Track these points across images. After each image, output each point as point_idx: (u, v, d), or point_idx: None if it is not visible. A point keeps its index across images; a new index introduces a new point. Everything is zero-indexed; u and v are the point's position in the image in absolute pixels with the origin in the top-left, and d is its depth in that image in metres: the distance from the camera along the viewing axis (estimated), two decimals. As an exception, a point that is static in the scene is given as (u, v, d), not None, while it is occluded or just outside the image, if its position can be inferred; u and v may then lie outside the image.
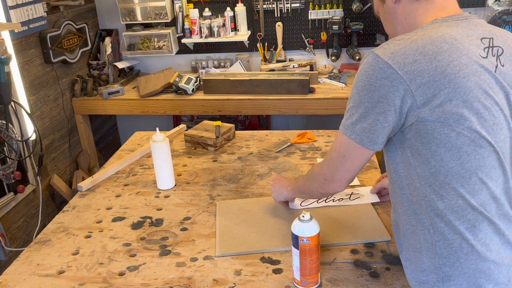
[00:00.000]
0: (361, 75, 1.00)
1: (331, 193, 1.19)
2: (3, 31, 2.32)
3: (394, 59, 0.95)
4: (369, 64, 0.98)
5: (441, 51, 0.95)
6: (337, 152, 1.08)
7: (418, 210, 1.02)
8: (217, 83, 2.95)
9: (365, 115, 0.99)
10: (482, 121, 0.96)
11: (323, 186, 1.17)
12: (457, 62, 0.95)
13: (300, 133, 2.06)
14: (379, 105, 0.97)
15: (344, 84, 2.98)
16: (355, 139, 1.01)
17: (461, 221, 0.98)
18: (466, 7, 3.05)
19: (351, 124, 1.02)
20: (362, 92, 0.99)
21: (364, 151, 1.03)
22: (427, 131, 0.96)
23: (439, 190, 0.98)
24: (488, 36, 1.02)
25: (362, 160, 1.06)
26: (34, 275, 1.27)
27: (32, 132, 2.49)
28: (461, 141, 0.96)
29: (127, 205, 1.60)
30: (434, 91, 0.94)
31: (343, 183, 1.13)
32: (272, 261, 1.26)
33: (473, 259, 0.99)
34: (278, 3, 3.22)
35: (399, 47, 0.97)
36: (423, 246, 1.03)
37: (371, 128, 0.99)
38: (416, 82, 0.94)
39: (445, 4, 1.06)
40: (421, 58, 0.94)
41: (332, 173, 1.12)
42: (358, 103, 1.00)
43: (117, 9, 3.28)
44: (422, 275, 1.04)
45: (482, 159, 0.97)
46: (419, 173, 1.00)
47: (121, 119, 3.82)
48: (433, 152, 0.97)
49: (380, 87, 0.96)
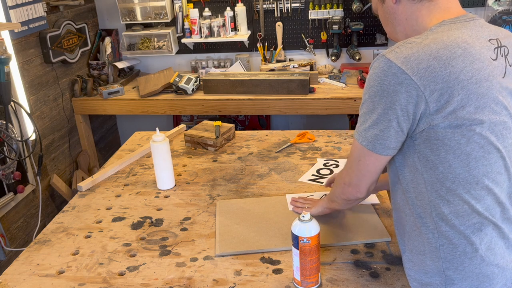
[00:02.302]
0: (373, 80, 0.98)
1: (352, 199, 1.18)
2: (3, 31, 2.32)
3: (408, 64, 0.93)
4: (381, 69, 0.96)
5: (454, 56, 0.94)
6: (353, 157, 1.08)
7: (423, 213, 1.02)
8: (217, 83, 2.95)
9: (377, 122, 0.98)
10: (493, 126, 0.96)
11: (344, 191, 1.17)
12: (470, 68, 0.94)
13: (300, 133, 2.05)
14: (392, 112, 0.96)
15: (344, 84, 2.98)
16: (367, 146, 1.01)
17: (466, 226, 0.98)
18: (466, 7, 3.05)
19: (363, 131, 1.02)
20: (375, 98, 0.97)
21: (378, 157, 1.02)
22: (437, 137, 0.95)
23: (445, 195, 0.98)
24: (494, 37, 1.02)
25: (377, 166, 1.05)
26: (34, 275, 1.26)
27: (32, 132, 2.49)
28: (470, 148, 0.95)
29: (127, 205, 1.59)
30: (447, 97, 0.93)
31: (361, 189, 1.12)
32: (272, 261, 1.26)
33: (477, 263, 0.98)
34: (278, 3, 3.22)
35: (412, 51, 0.95)
36: (427, 249, 1.02)
37: (383, 134, 0.98)
38: (430, 88, 0.92)
39: (449, 5, 1.05)
40: (435, 63, 0.93)
41: (350, 177, 1.12)
42: (371, 109, 0.99)
43: (117, 9, 3.28)
44: (425, 277, 1.04)
45: (489, 165, 0.97)
46: (425, 179, 1.00)
47: (121, 119, 3.81)
48: (441, 158, 0.97)
49: (393, 92, 0.94)
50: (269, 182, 1.69)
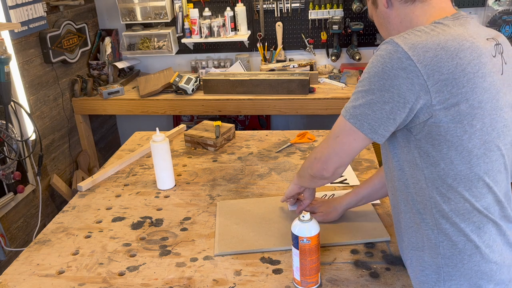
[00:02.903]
0: (376, 60, 0.95)
1: (318, 177, 1.13)
2: (3, 31, 2.32)
3: (415, 51, 0.91)
4: (387, 51, 0.93)
5: (462, 48, 0.92)
6: (332, 133, 1.05)
7: (422, 210, 1.01)
8: (217, 83, 2.95)
9: (370, 102, 0.95)
10: (494, 123, 0.95)
11: (312, 166, 1.13)
12: (478, 61, 0.93)
13: (300, 133, 2.05)
14: (388, 95, 0.93)
15: (344, 84, 2.98)
16: (355, 123, 0.97)
17: (467, 223, 0.98)
18: (466, 7, 3.05)
19: (352, 107, 0.98)
20: (374, 78, 0.94)
21: (358, 136, 0.98)
22: (439, 133, 0.94)
23: (446, 193, 0.98)
24: (490, 36, 1.02)
25: (353, 147, 1.01)
26: (34, 275, 1.26)
27: (32, 132, 2.49)
28: (472, 144, 0.94)
29: (127, 205, 1.59)
30: (452, 89, 0.91)
31: (328, 167, 1.08)
32: (272, 261, 1.26)
33: (476, 260, 0.98)
34: (278, 3, 3.22)
35: (421, 39, 0.92)
36: (426, 245, 1.02)
37: (374, 115, 0.95)
38: (434, 78, 0.90)
39: (443, 5, 1.04)
40: (442, 53, 0.91)
41: (322, 153, 1.08)
42: (366, 89, 0.96)
43: (117, 9, 3.28)
44: (422, 275, 1.04)
45: (490, 163, 0.97)
46: (426, 175, 0.99)
47: (121, 119, 3.81)
48: (443, 154, 0.95)
49: (394, 77, 0.92)
50: (269, 182, 1.69)
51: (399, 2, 1.05)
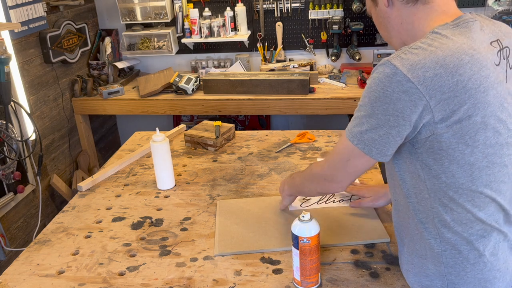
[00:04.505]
0: (375, 84, 0.93)
1: (330, 192, 1.20)
2: (3, 31, 2.32)
3: (414, 72, 0.89)
4: (385, 74, 0.91)
5: (462, 64, 0.90)
6: (341, 156, 1.05)
7: (424, 219, 1.01)
8: (217, 83, 2.95)
9: (376, 127, 0.95)
10: (497, 135, 0.94)
11: (323, 187, 1.17)
12: (478, 76, 0.91)
13: (300, 133, 2.05)
14: (394, 119, 0.92)
15: (344, 84, 2.98)
16: (363, 149, 0.98)
17: (470, 233, 0.97)
18: (466, 7, 3.05)
19: (359, 133, 0.98)
20: (376, 103, 0.93)
21: (370, 160, 1.00)
22: (441, 147, 0.93)
23: (448, 203, 0.97)
24: (495, 38, 1.00)
25: (366, 167, 1.04)
26: (34, 275, 1.26)
27: (32, 132, 2.49)
28: (474, 158, 0.93)
29: (127, 205, 1.59)
30: (453, 107, 0.90)
31: (344, 185, 1.12)
32: (272, 261, 1.26)
33: (479, 268, 0.98)
34: (278, 3, 3.22)
35: (418, 58, 0.90)
36: (429, 253, 1.02)
37: (381, 140, 0.95)
38: (436, 98, 0.89)
39: (446, 7, 1.01)
40: (442, 71, 0.89)
41: (334, 175, 1.11)
42: (370, 113, 0.95)
43: (117, 9, 3.28)
44: (426, 280, 1.03)
45: (492, 175, 0.96)
46: (428, 186, 0.98)
47: (121, 119, 3.82)
48: (445, 168, 0.95)
49: (396, 100, 0.91)
50: (269, 182, 1.69)
51: (401, 2, 1.02)
